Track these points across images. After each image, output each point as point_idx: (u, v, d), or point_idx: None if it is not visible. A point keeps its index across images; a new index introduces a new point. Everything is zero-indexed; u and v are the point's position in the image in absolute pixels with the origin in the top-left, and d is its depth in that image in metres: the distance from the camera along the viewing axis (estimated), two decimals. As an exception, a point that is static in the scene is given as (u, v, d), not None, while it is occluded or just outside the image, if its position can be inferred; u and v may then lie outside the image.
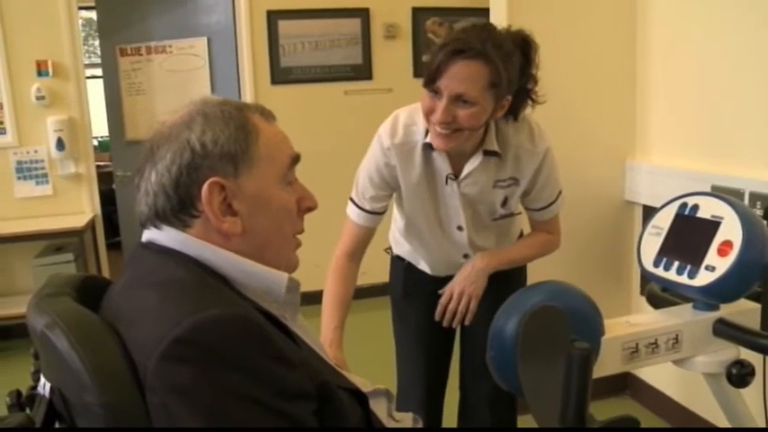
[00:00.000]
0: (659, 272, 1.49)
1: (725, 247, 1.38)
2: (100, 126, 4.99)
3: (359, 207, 1.71)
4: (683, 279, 1.43)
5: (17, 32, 3.75)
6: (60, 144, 3.86)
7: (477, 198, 1.68)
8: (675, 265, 1.46)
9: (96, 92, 4.77)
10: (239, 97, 4.04)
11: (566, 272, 1.80)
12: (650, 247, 1.53)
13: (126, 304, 0.90)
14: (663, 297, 1.62)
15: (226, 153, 0.94)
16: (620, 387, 2.91)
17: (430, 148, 1.62)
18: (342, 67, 4.27)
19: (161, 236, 0.96)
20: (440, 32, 4.32)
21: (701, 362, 1.49)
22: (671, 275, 1.46)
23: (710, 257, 1.39)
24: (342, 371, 1.07)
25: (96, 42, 5.81)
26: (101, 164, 4.53)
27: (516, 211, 1.79)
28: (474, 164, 1.63)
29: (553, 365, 1.05)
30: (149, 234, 0.98)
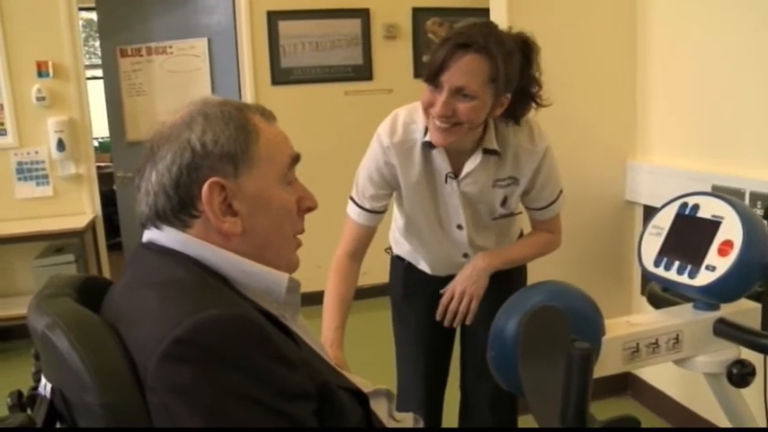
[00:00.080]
0: (660, 272, 1.49)
1: (725, 247, 1.38)
2: (100, 127, 4.99)
3: (359, 206, 1.71)
4: (683, 279, 1.43)
5: (18, 33, 3.75)
6: (61, 145, 3.86)
7: (477, 197, 1.68)
8: (676, 264, 1.46)
9: (97, 93, 4.77)
10: (240, 98, 4.04)
11: (566, 272, 1.80)
12: (651, 246, 1.53)
13: (126, 305, 0.91)
14: (663, 297, 1.62)
15: (226, 153, 0.94)
16: (621, 387, 2.90)
17: (429, 146, 1.62)
18: (342, 67, 4.27)
19: (161, 236, 0.96)
20: (440, 33, 4.32)
21: (701, 362, 1.49)
22: (671, 275, 1.46)
23: (711, 257, 1.39)
24: (342, 371, 1.07)
25: (97, 43, 5.81)
26: (101, 165, 4.53)
27: (516, 211, 1.79)
28: (474, 162, 1.63)
29: (554, 365, 1.05)
30: (150, 234, 0.98)
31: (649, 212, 2.43)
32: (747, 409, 1.59)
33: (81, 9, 4.17)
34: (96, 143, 5.32)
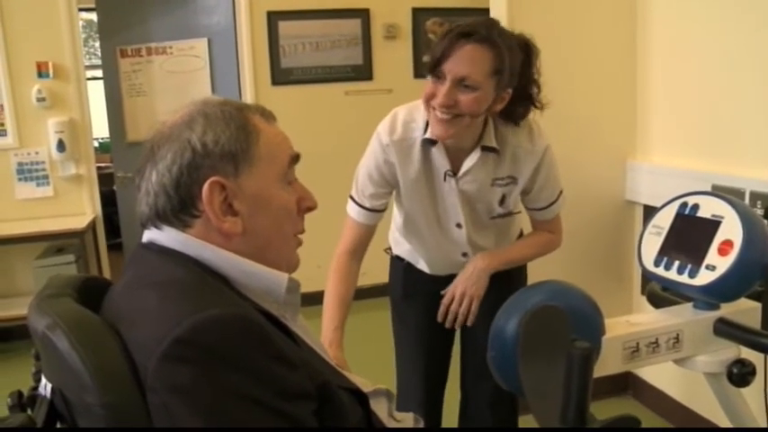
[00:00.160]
0: (660, 271, 1.49)
1: (725, 247, 1.38)
2: (100, 127, 4.99)
3: (359, 205, 1.71)
4: (683, 278, 1.43)
5: (18, 34, 3.75)
6: (61, 145, 3.86)
7: (476, 196, 1.68)
8: (676, 264, 1.46)
9: (97, 93, 4.77)
10: (240, 98, 4.04)
11: (566, 271, 1.79)
12: (651, 246, 1.53)
13: (126, 305, 0.91)
14: (663, 296, 1.62)
15: (226, 153, 0.94)
16: (622, 387, 2.90)
17: (429, 144, 1.62)
18: (342, 67, 4.27)
19: (161, 236, 0.96)
20: (440, 33, 4.32)
21: (701, 361, 1.49)
22: (671, 275, 1.46)
23: (711, 257, 1.39)
24: (342, 371, 1.07)
25: (97, 44, 5.81)
26: (101, 165, 4.53)
27: (515, 210, 1.79)
28: (472, 160, 1.62)
29: (554, 365, 1.05)
30: (150, 234, 0.98)
31: (649, 212, 2.42)
32: (747, 408, 1.59)
33: (81, 10, 4.17)
34: (96, 143, 5.32)
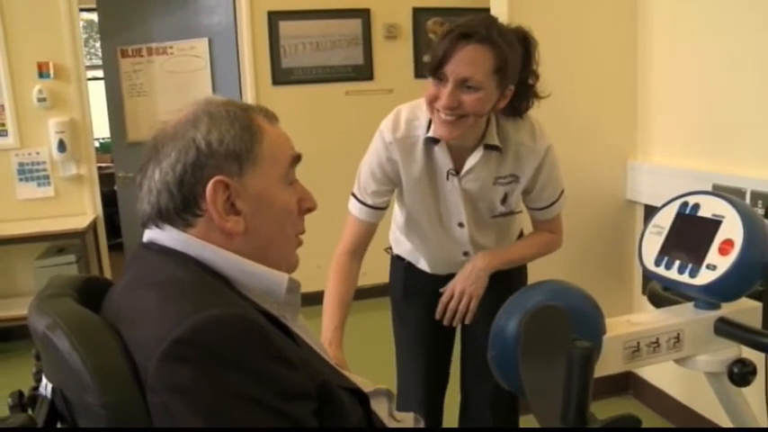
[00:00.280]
0: (660, 271, 1.49)
1: (726, 246, 1.38)
2: (101, 128, 4.99)
3: (361, 202, 1.71)
4: (684, 278, 1.43)
5: (18, 34, 3.76)
6: (62, 146, 3.87)
7: (478, 194, 1.68)
8: (677, 264, 1.46)
9: (97, 93, 4.77)
10: (240, 98, 4.04)
11: (567, 271, 1.79)
12: (651, 246, 1.52)
13: (127, 305, 0.91)
14: (664, 296, 1.62)
15: (231, 152, 0.94)
16: (623, 386, 2.90)
17: (432, 142, 1.62)
18: (343, 67, 4.27)
19: (162, 236, 0.96)
20: (440, 32, 4.32)
21: (702, 361, 1.49)
22: (672, 274, 1.46)
23: (712, 256, 1.39)
24: (343, 371, 1.07)
25: (97, 44, 5.81)
26: (102, 165, 4.53)
27: (517, 210, 1.79)
28: (475, 158, 1.62)
29: (554, 365, 1.05)
30: (150, 234, 0.98)
31: (650, 212, 2.42)
32: (748, 408, 1.59)
33: (82, 10, 4.17)
34: (97, 144, 5.32)
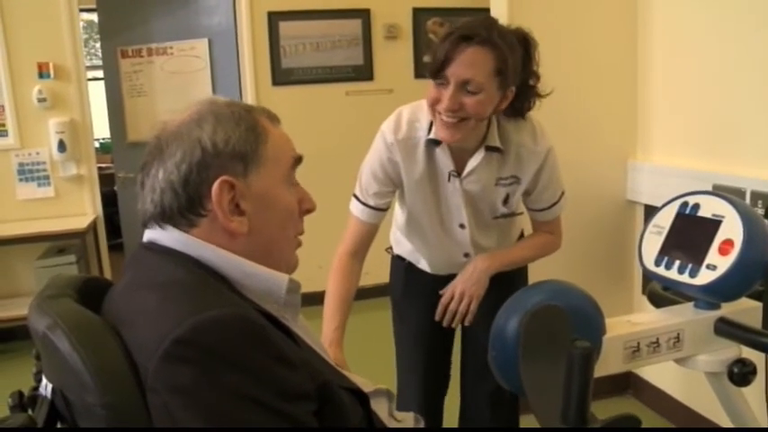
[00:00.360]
0: (660, 271, 1.49)
1: (726, 246, 1.37)
2: (101, 128, 4.99)
3: (362, 203, 1.71)
4: (684, 278, 1.43)
5: (18, 35, 3.76)
6: (62, 146, 3.87)
7: (479, 196, 1.68)
8: (677, 264, 1.45)
9: (98, 94, 4.78)
10: (240, 99, 4.04)
11: (567, 271, 1.79)
12: (651, 246, 1.52)
13: (127, 306, 0.91)
14: (664, 296, 1.62)
15: (237, 153, 0.95)
16: (623, 386, 2.90)
17: (433, 144, 1.62)
18: (343, 67, 4.27)
19: (163, 236, 0.96)
20: (440, 33, 4.28)
21: (702, 361, 1.49)
22: (672, 274, 1.46)
23: (712, 256, 1.39)
24: (343, 371, 1.07)
25: (97, 44, 5.81)
26: (102, 165, 4.53)
27: (518, 211, 1.79)
28: (477, 160, 1.63)
29: (554, 365, 1.05)
30: (151, 234, 0.98)
31: (650, 212, 2.42)
32: (748, 408, 1.59)
33: (82, 10, 4.17)
34: (97, 144, 5.32)
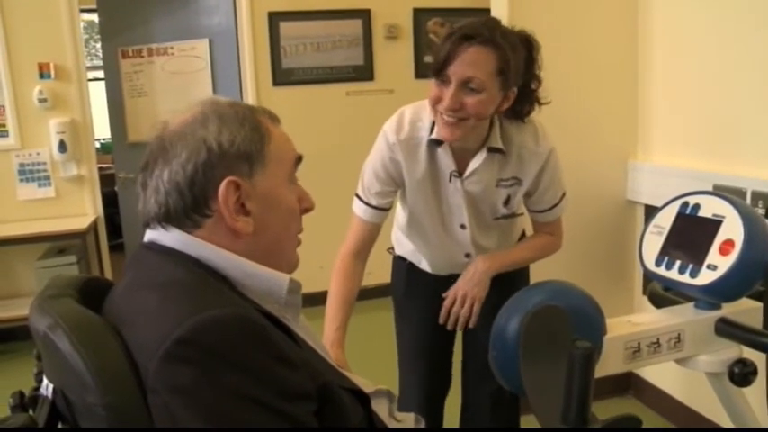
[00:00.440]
0: (661, 271, 1.49)
1: (726, 246, 1.38)
2: (102, 128, 4.99)
3: (364, 203, 1.71)
4: (684, 278, 1.43)
5: (19, 35, 3.76)
6: (62, 146, 3.87)
7: (480, 197, 1.68)
8: (677, 264, 1.45)
9: (98, 94, 4.78)
10: (241, 99, 4.04)
11: (568, 271, 1.80)
12: (652, 246, 1.52)
13: (127, 306, 0.91)
14: (665, 296, 1.62)
15: (242, 153, 0.95)
16: (624, 387, 2.90)
17: (435, 144, 1.62)
18: (343, 68, 4.27)
19: (164, 236, 0.96)
20: (441, 33, 4.28)
21: (703, 361, 1.49)
22: (673, 275, 1.46)
23: (712, 256, 1.39)
24: (343, 371, 1.07)
25: (98, 45, 5.81)
26: (103, 166, 4.53)
27: (518, 212, 1.79)
28: (478, 161, 1.63)
29: (555, 365, 1.05)
30: (152, 234, 0.98)
31: (651, 212, 2.42)
32: (749, 408, 1.59)
33: (82, 11, 4.17)
34: (98, 144, 5.32)
